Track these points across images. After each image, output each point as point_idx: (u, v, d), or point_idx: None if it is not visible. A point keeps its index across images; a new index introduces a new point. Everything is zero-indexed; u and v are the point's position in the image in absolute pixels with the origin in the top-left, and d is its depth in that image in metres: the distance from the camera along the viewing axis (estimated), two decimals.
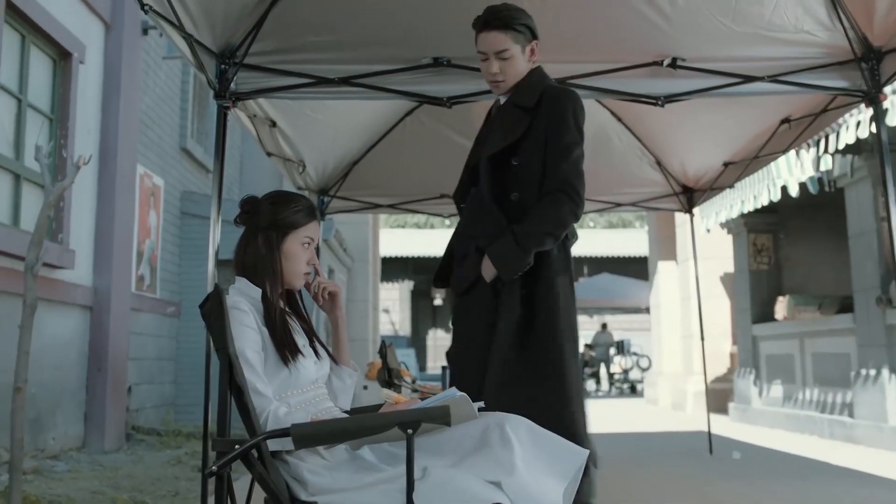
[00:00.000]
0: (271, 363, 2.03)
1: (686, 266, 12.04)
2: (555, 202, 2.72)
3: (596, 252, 29.19)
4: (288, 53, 3.84)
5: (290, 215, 2.20)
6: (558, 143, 2.75)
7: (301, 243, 2.20)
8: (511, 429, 1.79)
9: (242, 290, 2.15)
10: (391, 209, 7.26)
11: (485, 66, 2.83)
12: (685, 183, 6.58)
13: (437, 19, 3.74)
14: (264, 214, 2.19)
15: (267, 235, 2.17)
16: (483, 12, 2.82)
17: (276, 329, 2.05)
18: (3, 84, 5.61)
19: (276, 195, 2.27)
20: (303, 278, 2.23)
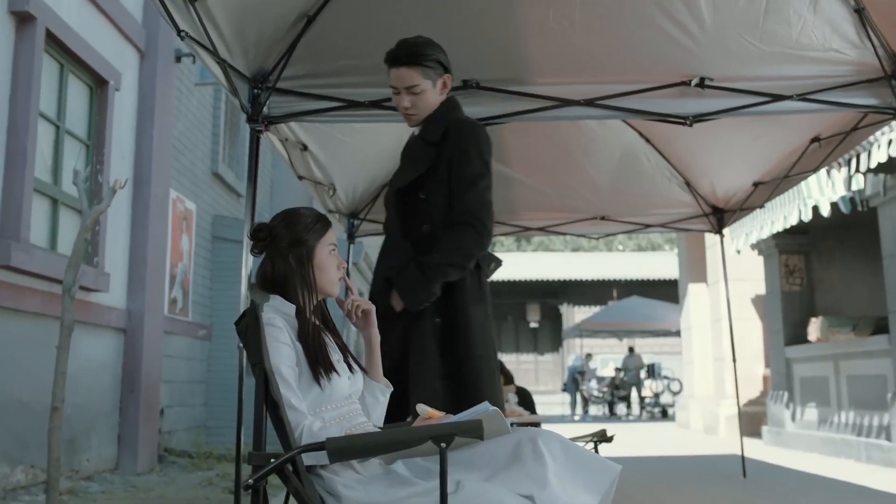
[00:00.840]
0: (305, 379, 2.06)
1: (717, 288, 11.94)
2: (459, 234, 2.76)
3: (625, 275, 29.10)
4: (319, 77, 3.90)
5: (310, 228, 2.24)
6: (462, 175, 2.79)
7: (327, 252, 2.24)
8: (544, 443, 1.80)
9: (277, 308, 2.18)
10: None
11: (396, 100, 2.89)
12: (715, 203, 6.56)
13: (466, 42, 3.78)
14: (283, 236, 2.23)
15: (295, 253, 2.21)
16: (394, 47, 2.90)
17: (310, 345, 2.08)
18: (42, 111, 5.75)
19: (284, 216, 2.30)
20: (338, 284, 2.27)
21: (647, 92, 3.89)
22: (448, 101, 2.97)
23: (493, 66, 3.89)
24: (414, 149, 2.94)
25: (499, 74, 3.91)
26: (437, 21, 3.67)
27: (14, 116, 5.40)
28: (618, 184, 6.38)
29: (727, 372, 11.52)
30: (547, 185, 6.44)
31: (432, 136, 2.87)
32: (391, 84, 2.87)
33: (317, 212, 2.32)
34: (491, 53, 3.84)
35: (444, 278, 2.77)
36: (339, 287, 2.28)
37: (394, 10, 3.66)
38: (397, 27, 3.72)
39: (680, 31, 3.62)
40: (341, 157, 5.46)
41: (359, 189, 6.23)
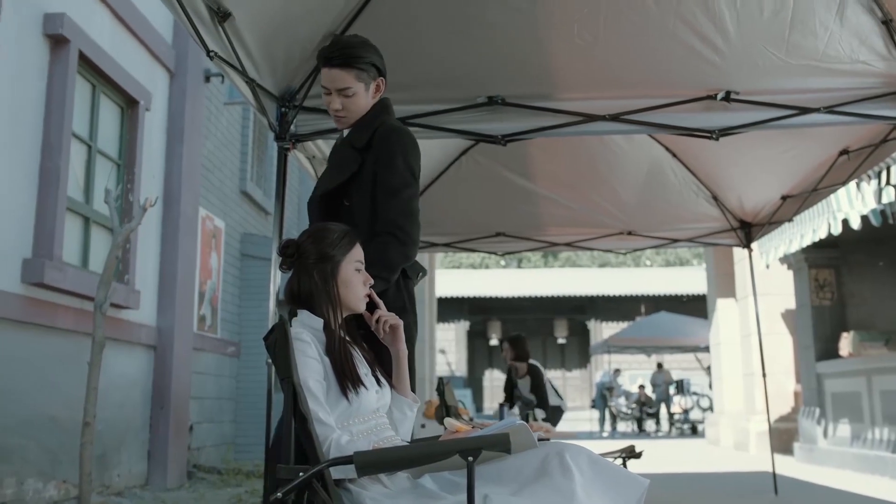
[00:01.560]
0: (333, 392, 2.07)
1: (746, 303, 11.83)
2: (382, 245, 2.63)
3: (653, 290, 28.92)
4: None
5: (336, 244, 2.26)
6: (386, 184, 2.68)
7: (353, 268, 2.26)
8: (571, 457, 1.80)
9: (305, 322, 2.21)
10: (447, 248, 7.34)
11: (326, 100, 2.76)
12: (742, 217, 6.53)
13: (491, 59, 3.82)
14: (310, 252, 2.25)
15: (320, 269, 2.23)
16: (327, 46, 2.76)
17: (337, 358, 2.10)
18: (75, 132, 5.85)
19: (313, 232, 2.33)
20: (364, 300, 2.29)
21: (673, 106, 3.90)
22: (380, 103, 2.86)
23: (518, 82, 3.91)
24: (340, 153, 2.81)
25: (524, 90, 3.94)
26: (461, 37, 3.71)
27: (48, 137, 5.50)
28: (644, 198, 6.37)
29: (757, 388, 11.39)
30: (573, 201, 6.45)
31: (359, 142, 2.75)
32: (322, 84, 2.75)
33: (345, 228, 2.34)
34: (516, 70, 3.87)
35: None
36: (364, 304, 2.30)
37: (418, 28, 3.69)
38: (422, 44, 3.77)
39: (705, 44, 3.62)
40: None
41: None
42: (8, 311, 5.05)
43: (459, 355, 29.52)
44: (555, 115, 3.98)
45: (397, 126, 2.85)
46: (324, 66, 2.72)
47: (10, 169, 5.14)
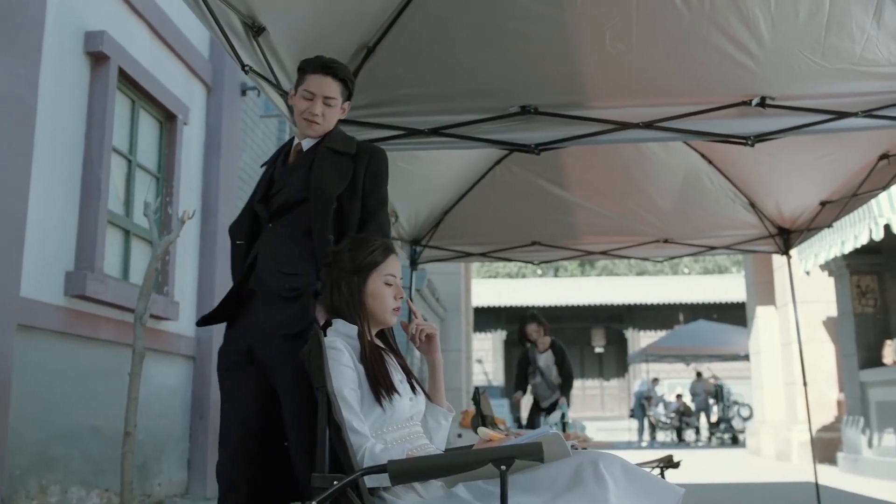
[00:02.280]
0: (367, 400, 2.09)
1: (786, 310, 11.68)
2: None
3: (691, 299, 28.63)
4: (379, 107, 3.97)
5: (368, 256, 2.29)
6: (377, 196, 2.84)
7: (383, 282, 2.28)
8: (605, 466, 1.79)
9: (339, 330, 2.23)
10: (483, 257, 7.34)
11: (306, 105, 2.82)
12: (781, 224, 6.44)
13: (523, 68, 3.82)
14: (345, 262, 2.28)
15: (349, 280, 2.26)
16: (323, 57, 2.88)
17: (370, 366, 2.12)
18: (115, 146, 5.96)
19: (352, 241, 2.37)
20: (394, 314, 2.31)
21: (707, 113, 3.86)
22: (339, 122, 2.99)
23: (551, 91, 3.91)
24: (327, 159, 2.81)
25: (556, 99, 3.93)
26: (493, 48, 3.72)
27: (89, 151, 5.61)
28: (681, 206, 6.32)
29: (799, 396, 11.23)
30: (608, 209, 6.42)
31: (345, 148, 2.85)
32: (308, 88, 2.82)
33: (384, 241, 2.37)
34: (548, 79, 3.86)
35: None
36: (395, 317, 2.31)
37: (451, 39, 3.71)
38: (455, 55, 3.78)
39: (739, 50, 3.59)
40: (403, 184, 5.53)
41: (421, 215, 6.30)
42: (52, 322, 5.15)
43: (496, 365, 29.45)
44: (588, 123, 3.97)
45: (377, 145, 3.11)
46: (317, 73, 2.83)
47: (52, 183, 5.25)
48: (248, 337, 2.65)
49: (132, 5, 6.18)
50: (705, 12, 3.44)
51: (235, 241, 2.86)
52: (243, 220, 2.86)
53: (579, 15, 3.56)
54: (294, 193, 2.75)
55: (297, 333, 2.50)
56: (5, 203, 4.61)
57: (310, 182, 2.74)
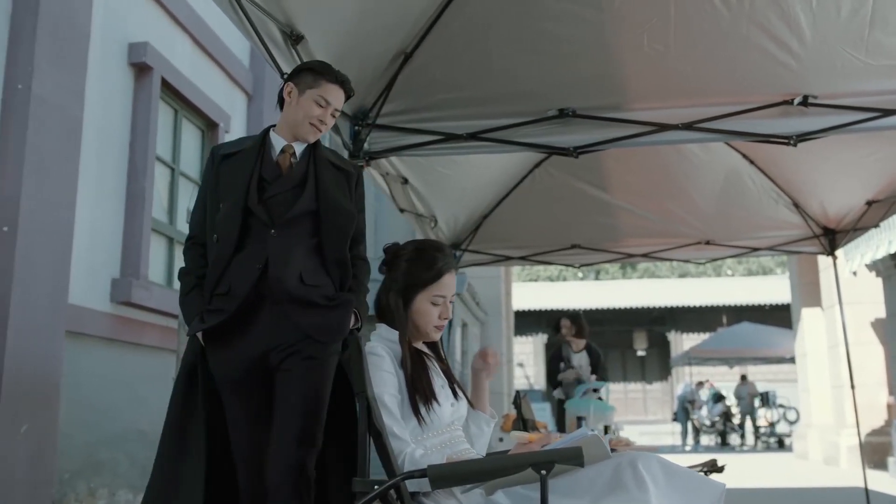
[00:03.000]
0: (408, 405, 2.10)
1: (832, 312, 11.47)
2: (368, 271, 2.72)
3: (735, 300, 28.22)
4: (417, 112, 3.99)
5: (421, 275, 2.29)
6: (362, 214, 2.77)
7: (430, 301, 2.28)
8: (644, 467, 1.78)
9: (382, 335, 2.25)
10: (522, 261, 7.32)
11: (320, 111, 2.69)
12: (826, 224, 6.34)
13: (561, 72, 3.81)
14: (399, 271, 2.29)
15: (396, 294, 2.27)
16: (336, 70, 2.75)
17: (410, 372, 2.12)
18: (158, 155, 6.06)
19: (414, 249, 2.37)
20: (437, 331, 2.30)
21: (748, 113, 3.82)
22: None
23: (589, 93, 3.89)
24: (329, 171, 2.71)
25: (595, 102, 3.91)
26: (530, 52, 3.72)
27: (133, 161, 5.72)
28: (722, 207, 6.25)
29: (847, 400, 11.01)
30: (649, 211, 6.37)
31: (344, 165, 2.78)
32: (325, 96, 2.69)
33: (447, 257, 2.36)
34: (586, 81, 3.85)
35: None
36: (438, 335, 2.31)
37: (488, 44, 3.72)
38: (492, 60, 3.79)
39: (779, 48, 3.55)
40: (442, 189, 5.55)
41: (460, 220, 6.30)
42: (99, 328, 5.25)
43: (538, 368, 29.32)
44: (627, 125, 3.94)
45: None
46: (334, 84, 2.72)
47: (98, 193, 5.36)
48: (263, 343, 2.49)
49: (174, 16, 6.29)
50: (745, 11, 3.41)
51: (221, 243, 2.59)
52: (234, 220, 2.58)
53: (616, 16, 3.55)
54: (309, 205, 2.60)
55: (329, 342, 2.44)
56: (54, 213, 4.71)
57: (321, 196, 2.62)
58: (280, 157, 2.70)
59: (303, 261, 2.55)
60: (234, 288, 2.52)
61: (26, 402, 4.39)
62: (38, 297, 4.51)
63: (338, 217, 2.62)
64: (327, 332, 2.46)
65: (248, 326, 2.52)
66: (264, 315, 2.51)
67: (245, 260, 2.54)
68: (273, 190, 2.62)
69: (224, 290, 2.53)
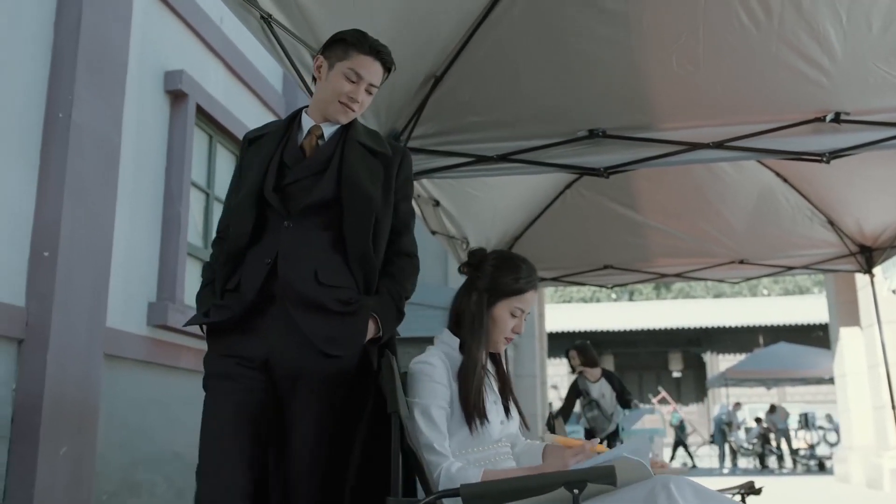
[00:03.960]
0: (457, 417, 2.10)
1: (871, 331, 11.28)
2: (412, 267, 2.44)
3: (771, 320, 27.88)
4: (448, 135, 4.01)
5: (509, 283, 2.28)
6: (409, 201, 2.51)
7: (510, 312, 2.28)
8: (677, 489, 1.77)
9: (444, 340, 2.25)
10: (555, 282, 7.32)
11: (351, 87, 2.35)
12: (862, 242, 6.27)
13: (591, 92, 3.82)
14: (485, 274, 2.29)
15: (481, 295, 2.27)
16: (369, 38, 2.42)
17: (464, 384, 2.12)
18: (193, 180, 6.16)
19: (502, 256, 2.36)
20: (503, 343, 2.30)
21: (779, 130, 3.79)
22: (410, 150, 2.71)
23: (619, 114, 3.90)
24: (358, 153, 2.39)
25: (625, 122, 3.92)
26: (559, 72, 3.74)
27: (169, 186, 5.81)
28: (756, 226, 6.20)
29: (889, 421, 10.79)
30: (681, 231, 6.34)
31: (379, 146, 2.44)
32: (356, 69, 2.36)
33: (531, 272, 2.34)
34: (616, 102, 3.86)
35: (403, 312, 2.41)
36: (503, 348, 2.30)
37: (517, 65, 3.74)
38: (521, 82, 3.81)
39: (810, 65, 3.53)
40: (473, 210, 5.57)
41: (492, 241, 6.32)
42: (136, 352, 5.32)
43: None
44: (657, 145, 3.94)
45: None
46: (366, 56, 2.37)
47: (135, 218, 5.45)
48: (265, 346, 2.22)
49: (208, 44, 6.41)
50: (774, 29, 3.40)
51: (234, 236, 2.33)
52: (247, 209, 2.31)
53: (645, 36, 3.56)
54: (327, 192, 2.30)
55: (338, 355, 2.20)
56: (93, 237, 4.80)
57: (344, 181, 2.31)
58: (305, 139, 2.40)
59: (321, 257, 2.26)
60: (243, 285, 2.27)
61: (65, 424, 4.46)
62: (78, 320, 4.59)
63: (357, 205, 2.30)
64: (336, 344, 2.20)
65: (251, 329, 2.24)
66: (269, 318, 2.24)
67: (257, 255, 2.28)
68: (292, 176, 2.33)
69: (233, 286, 2.29)
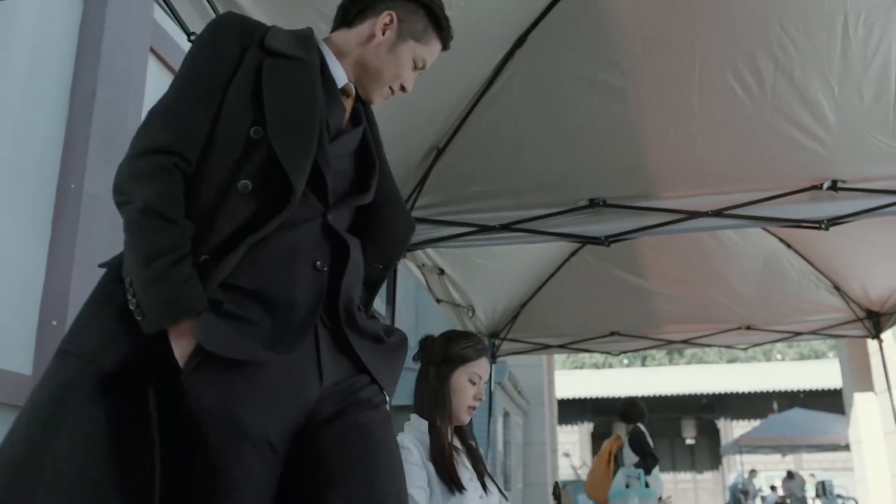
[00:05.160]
0: (436, 496, 2.12)
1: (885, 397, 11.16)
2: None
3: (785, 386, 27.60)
4: (450, 205, 4.07)
5: (460, 350, 2.36)
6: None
7: (468, 378, 2.33)
8: None
9: (413, 426, 2.29)
10: (562, 349, 7.31)
11: (407, 75, 1.82)
12: (868, 307, 6.26)
13: (590, 162, 3.89)
14: (438, 350, 2.36)
15: (438, 368, 2.33)
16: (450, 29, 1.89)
17: (439, 463, 2.15)
18: None
19: (451, 333, 2.45)
20: (468, 412, 2.35)
21: (777, 199, 3.84)
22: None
23: (618, 183, 3.96)
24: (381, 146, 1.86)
25: (624, 192, 3.97)
26: (559, 144, 3.82)
27: None
28: (762, 291, 6.22)
29: None
30: (688, 296, 6.36)
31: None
32: (427, 59, 1.84)
33: (480, 340, 2.43)
34: (615, 172, 3.93)
35: None
36: (469, 416, 2.35)
37: (518, 137, 3.83)
38: (522, 153, 3.90)
39: (804, 134, 3.59)
40: (478, 279, 5.62)
41: (498, 309, 6.34)
42: None
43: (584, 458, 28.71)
44: (657, 213, 3.98)
45: None
46: (439, 42, 1.86)
47: None
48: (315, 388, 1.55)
49: None
50: (767, 100, 3.48)
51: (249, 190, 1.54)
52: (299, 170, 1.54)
53: (642, 108, 3.65)
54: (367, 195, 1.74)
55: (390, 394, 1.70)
56: None
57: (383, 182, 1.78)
58: (343, 99, 1.75)
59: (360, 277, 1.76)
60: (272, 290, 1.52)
61: None
62: None
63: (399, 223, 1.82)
64: (392, 379, 1.70)
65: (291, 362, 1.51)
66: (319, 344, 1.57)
67: (294, 252, 1.56)
68: (332, 149, 1.65)
69: (252, 286, 1.51)
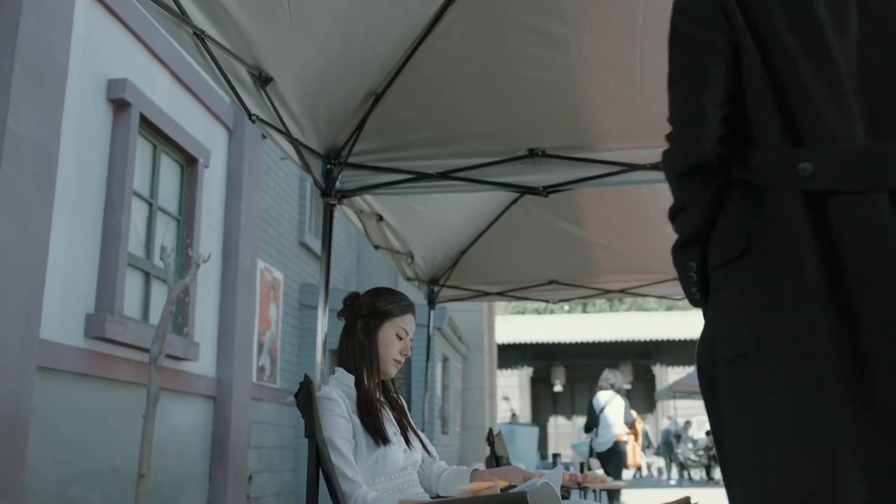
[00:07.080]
0: (361, 450, 2.12)
1: None
2: None
3: None
4: (389, 151, 4.02)
5: (388, 305, 2.35)
6: None
7: (395, 333, 2.33)
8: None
9: (339, 380, 2.27)
10: (501, 296, 7.34)
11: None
12: None
13: (530, 112, 3.86)
14: (364, 304, 2.34)
15: (366, 322, 2.32)
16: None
17: (364, 416, 2.14)
18: (136, 190, 6.07)
19: (377, 289, 2.43)
20: (395, 366, 2.35)
21: None
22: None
23: (558, 134, 3.94)
24: None
25: (564, 142, 3.96)
26: (499, 93, 3.76)
27: (111, 196, 5.73)
28: None
29: None
30: (626, 247, 6.39)
31: None
32: None
33: (406, 298, 2.42)
34: (554, 122, 3.90)
35: None
36: (395, 370, 2.35)
37: (457, 85, 3.76)
38: (462, 101, 3.83)
39: None
40: (418, 226, 5.57)
41: (437, 256, 6.32)
42: (72, 364, 5.23)
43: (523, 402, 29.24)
44: (596, 165, 3.99)
45: None
46: None
47: (75, 227, 5.36)
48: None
49: (154, 53, 6.33)
50: None
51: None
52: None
53: (584, 60, 3.60)
54: None
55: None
56: (28, 249, 4.71)
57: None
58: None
59: None
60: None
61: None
62: (10, 333, 4.49)
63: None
64: None
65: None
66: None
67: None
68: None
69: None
